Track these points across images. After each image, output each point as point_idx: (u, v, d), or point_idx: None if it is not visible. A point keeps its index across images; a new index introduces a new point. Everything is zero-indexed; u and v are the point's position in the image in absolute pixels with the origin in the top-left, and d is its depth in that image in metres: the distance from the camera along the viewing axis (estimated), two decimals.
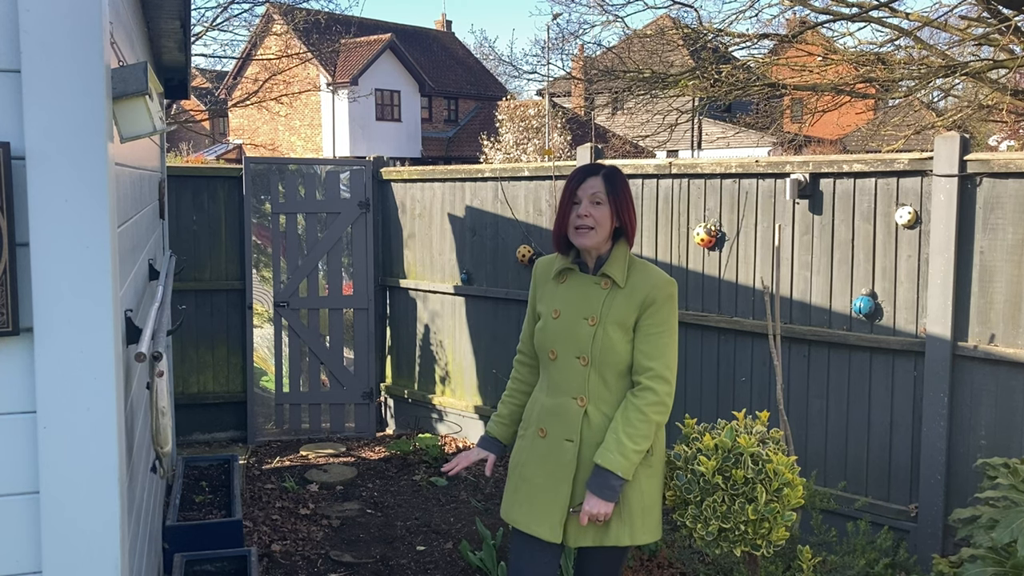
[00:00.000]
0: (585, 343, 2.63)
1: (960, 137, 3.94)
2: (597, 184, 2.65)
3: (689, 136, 26.23)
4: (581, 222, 2.64)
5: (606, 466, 2.52)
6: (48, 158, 1.66)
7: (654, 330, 2.62)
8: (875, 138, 16.64)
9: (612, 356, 2.62)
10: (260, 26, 24.39)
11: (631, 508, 2.60)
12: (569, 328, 2.67)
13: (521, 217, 5.81)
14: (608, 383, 2.64)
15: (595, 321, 2.63)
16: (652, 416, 2.56)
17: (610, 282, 2.65)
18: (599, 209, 2.63)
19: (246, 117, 32.11)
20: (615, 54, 13.11)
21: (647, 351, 2.61)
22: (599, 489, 2.53)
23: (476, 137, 30.26)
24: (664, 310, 2.63)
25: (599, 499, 2.52)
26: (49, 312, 1.68)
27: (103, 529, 1.75)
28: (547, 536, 2.65)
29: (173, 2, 3.42)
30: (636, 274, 2.66)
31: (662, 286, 2.64)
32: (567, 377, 2.67)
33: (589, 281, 2.69)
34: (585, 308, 2.66)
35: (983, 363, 3.90)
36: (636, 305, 2.62)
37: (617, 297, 2.64)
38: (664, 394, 2.59)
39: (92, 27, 1.66)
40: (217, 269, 6.45)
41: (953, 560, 3.04)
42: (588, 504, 2.53)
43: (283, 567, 4.43)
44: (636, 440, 2.53)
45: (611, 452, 2.53)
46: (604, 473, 2.53)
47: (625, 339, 2.63)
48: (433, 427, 6.61)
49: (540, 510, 2.68)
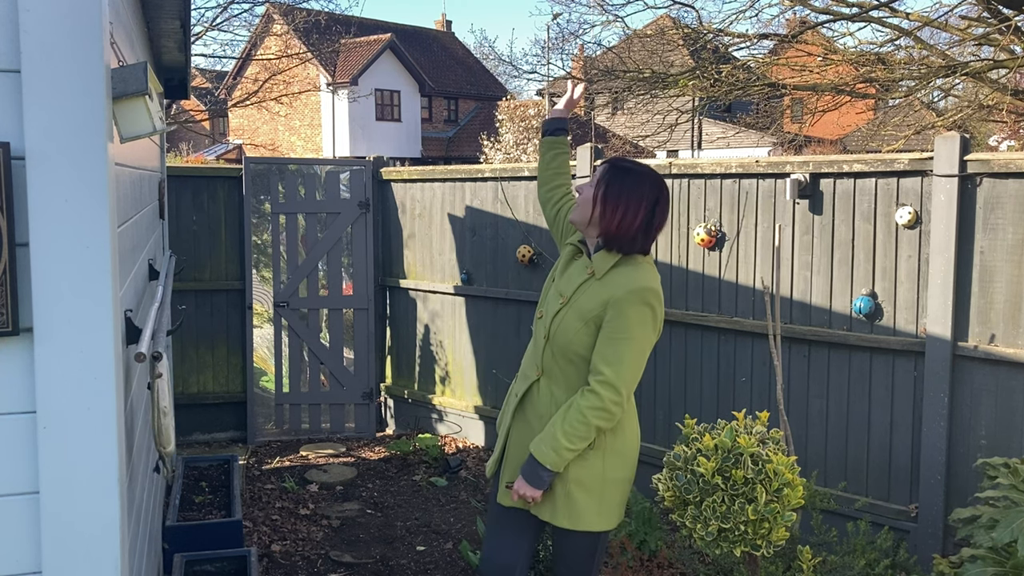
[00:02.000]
0: (550, 319, 2.71)
1: (960, 137, 3.94)
2: (599, 171, 2.72)
3: (689, 136, 26.22)
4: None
5: (536, 457, 2.62)
6: (48, 158, 1.65)
7: (616, 335, 2.55)
8: (875, 138, 16.64)
9: (563, 340, 2.65)
10: (260, 26, 24.41)
11: (555, 490, 2.68)
12: (551, 300, 2.76)
13: (521, 217, 5.81)
14: (559, 364, 2.69)
15: (564, 301, 2.68)
16: (592, 420, 2.55)
17: (593, 270, 2.67)
18: (587, 188, 2.70)
19: (246, 117, 32.12)
20: (615, 54, 13.10)
21: (604, 354, 2.56)
22: (528, 475, 2.64)
23: (476, 137, 30.26)
24: (628, 315, 2.54)
25: (527, 483, 2.64)
26: (49, 312, 1.68)
27: (103, 529, 1.75)
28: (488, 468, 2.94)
29: (173, 2, 3.42)
30: (618, 271, 2.61)
31: (634, 290, 2.54)
32: (536, 344, 2.79)
33: (583, 264, 2.72)
34: (566, 287, 2.71)
35: (983, 363, 3.90)
36: (601, 301, 2.58)
37: (590, 287, 2.64)
38: (610, 402, 2.54)
39: (92, 27, 1.66)
40: (217, 269, 6.45)
41: (953, 560, 3.04)
42: (517, 484, 2.67)
43: (283, 567, 4.43)
44: (572, 440, 2.57)
45: (545, 446, 2.61)
46: (535, 462, 2.63)
47: (584, 330, 2.61)
48: (433, 427, 6.61)
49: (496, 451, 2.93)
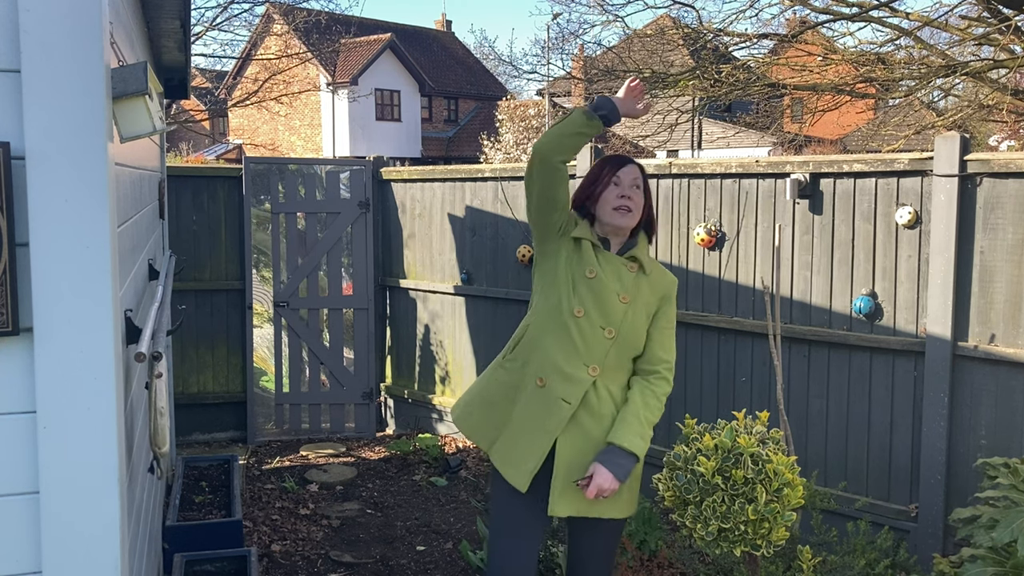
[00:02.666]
0: (616, 317, 2.63)
1: (960, 137, 3.94)
2: (637, 172, 2.72)
3: (689, 136, 26.20)
4: (623, 203, 2.66)
5: (628, 448, 2.52)
6: (48, 158, 1.65)
7: (669, 325, 2.74)
8: (875, 138, 16.64)
9: (635, 338, 2.67)
10: (260, 26, 24.41)
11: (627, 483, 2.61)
12: (601, 297, 2.62)
13: (521, 217, 5.81)
14: (623, 362, 2.69)
15: (627, 299, 2.65)
16: (662, 406, 2.67)
17: (637, 266, 2.69)
18: (638, 195, 2.70)
19: (246, 117, 32.11)
20: (615, 54, 13.10)
21: (664, 344, 2.72)
22: (614, 466, 2.50)
23: (476, 137, 30.25)
24: (673, 307, 2.78)
25: (612, 475, 2.50)
26: (49, 312, 1.68)
27: (103, 529, 1.75)
28: (513, 479, 2.62)
29: (173, 2, 3.42)
30: (654, 268, 2.77)
31: (673, 285, 2.79)
32: (588, 343, 2.61)
33: (617, 260, 2.69)
34: (618, 285, 2.65)
35: (983, 363, 3.90)
36: (658, 296, 2.72)
37: (643, 283, 2.69)
38: (670, 389, 2.72)
39: (92, 27, 1.66)
40: (217, 269, 6.45)
41: (954, 560, 3.04)
42: (600, 478, 2.49)
43: (283, 567, 4.43)
44: (650, 427, 2.63)
45: (635, 436, 2.55)
46: (619, 452, 2.52)
47: (646, 325, 2.70)
48: (433, 427, 6.61)
49: (519, 454, 2.63)
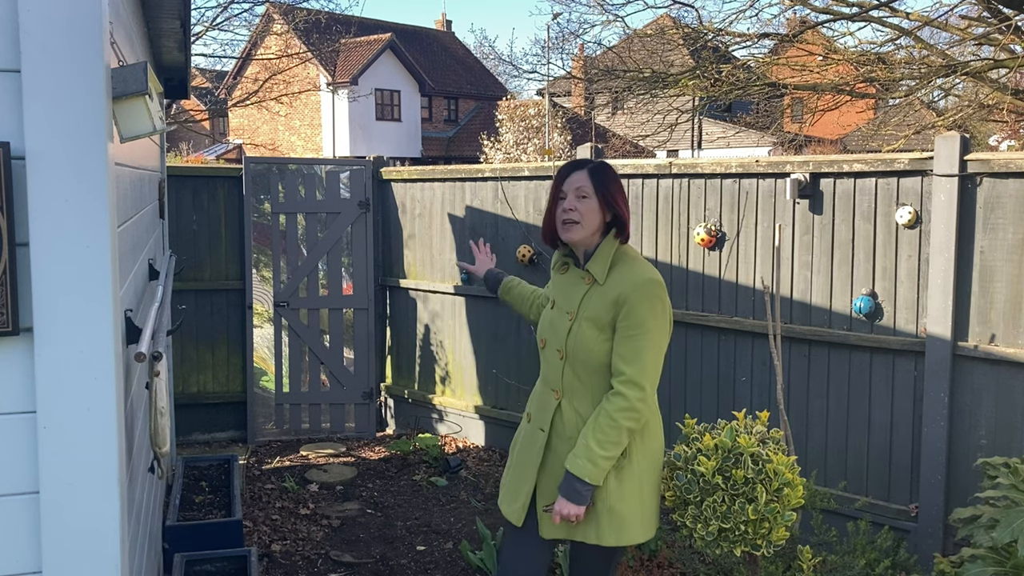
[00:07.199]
0: (562, 337, 2.68)
1: (960, 137, 3.94)
2: (582, 178, 2.64)
3: (689, 136, 26.22)
4: (566, 216, 2.65)
5: (574, 472, 2.55)
6: (48, 158, 1.65)
7: (630, 332, 2.56)
8: (875, 138, 16.63)
9: (584, 353, 2.63)
10: (260, 26, 24.41)
11: (596, 508, 2.62)
12: (554, 320, 2.73)
13: (521, 217, 5.81)
14: (581, 379, 2.65)
15: (572, 316, 2.66)
16: (622, 422, 2.54)
17: (591, 278, 2.66)
18: (584, 203, 2.63)
19: (246, 117, 32.11)
20: (615, 53, 13.10)
21: (623, 354, 2.57)
22: (568, 492, 2.57)
23: (476, 137, 30.25)
24: (640, 310, 2.55)
25: (568, 501, 2.57)
26: (49, 312, 1.68)
27: (103, 529, 1.75)
28: (508, 515, 2.78)
29: (173, 2, 3.42)
30: (617, 271, 2.63)
31: (640, 285, 2.57)
32: (549, 368, 2.74)
33: (577, 275, 2.72)
34: (568, 302, 2.70)
35: (983, 363, 3.90)
36: (610, 303, 2.59)
37: (595, 294, 2.63)
38: (635, 399, 2.54)
39: (92, 27, 1.66)
40: (217, 269, 6.45)
41: (954, 560, 3.04)
42: (558, 505, 2.59)
43: (283, 567, 4.43)
44: (605, 446, 2.54)
45: (580, 458, 2.55)
46: (572, 478, 2.56)
47: (601, 337, 2.61)
48: (433, 427, 6.61)
49: (511, 491, 2.81)
